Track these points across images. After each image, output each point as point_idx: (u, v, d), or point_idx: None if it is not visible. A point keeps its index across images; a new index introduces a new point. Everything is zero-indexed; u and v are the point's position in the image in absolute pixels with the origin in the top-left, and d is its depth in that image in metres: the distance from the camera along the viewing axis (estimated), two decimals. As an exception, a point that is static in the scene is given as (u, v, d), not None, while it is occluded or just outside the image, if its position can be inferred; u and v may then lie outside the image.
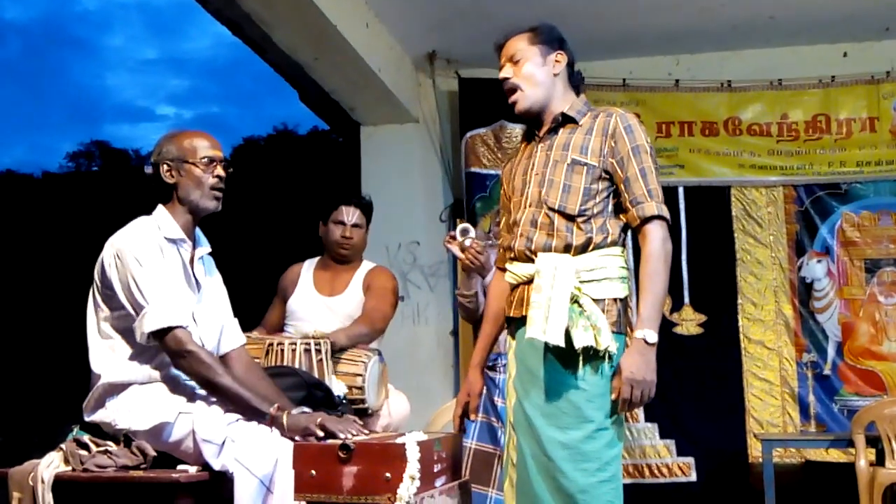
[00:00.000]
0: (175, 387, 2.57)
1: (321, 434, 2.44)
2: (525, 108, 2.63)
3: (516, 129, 5.79)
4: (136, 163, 26.07)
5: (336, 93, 5.63)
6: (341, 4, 4.66)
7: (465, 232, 3.62)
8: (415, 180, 6.06)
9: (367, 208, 3.80)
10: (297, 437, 2.43)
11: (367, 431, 2.57)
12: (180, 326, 2.48)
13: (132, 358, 2.55)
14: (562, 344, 2.35)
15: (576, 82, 2.69)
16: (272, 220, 16.58)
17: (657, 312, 2.40)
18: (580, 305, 2.39)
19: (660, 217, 2.44)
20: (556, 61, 2.64)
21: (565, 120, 2.60)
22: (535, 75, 2.63)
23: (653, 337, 2.36)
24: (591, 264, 2.44)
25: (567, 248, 2.46)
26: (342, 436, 2.43)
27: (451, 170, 6.03)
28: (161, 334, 2.47)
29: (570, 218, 2.47)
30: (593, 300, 2.39)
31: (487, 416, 3.76)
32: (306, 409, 2.61)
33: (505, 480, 2.57)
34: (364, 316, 3.57)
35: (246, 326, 3.04)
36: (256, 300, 3.93)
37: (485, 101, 5.83)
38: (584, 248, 2.46)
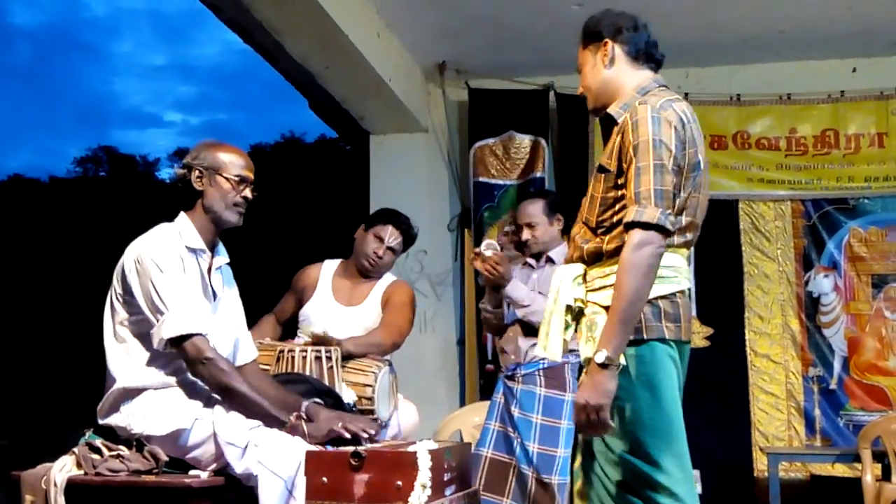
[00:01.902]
0: (191, 392, 2.58)
1: (348, 436, 2.46)
2: (591, 110, 2.54)
3: (525, 140, 5.81)
4: (143, 168, 26.17)
5: (346, 101, 5.66)
6: (353, 14, 4.69)
7: (489, 247, 3.65)
8: (423, 189, 6.07)
9: (409, 238, 3.77)
10: (320, 442, 2.46)
11: (376, 435, 2.60)
12: (199, 334, 2.50)
13: (148, 363, 2.56)
14: (556, 359, 2.33)
15: (644, 53, 2.48)
16: (279, 227, 16.59)
17: (615, 328, 2.17)
18: (584, 316, 2.33)
19: (636, 224, 2.20)
20: (603, 54, 2.49)
21: (610, 121, 2.44)
22: (587, 78, 2.55)
23: (602, 356, 2.15)
24: (603, 271, 2.32)
25: (581, 259, 2.39)
26: (365, 435, 2.47)
27: (460, 179, 6.05)
28: (179, 341, 2.48)
29: (592, 230, 2.38)
30: (604, 307, 2.27)
31: (504, 426, 3.75)
32: (318, 401, 2.63)
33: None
34: (379, 328, 3.57)
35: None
36: (264, 307, 3.93)
37: (494, 112, 5.86)
38: (597, 258, 2.35)
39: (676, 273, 2.34)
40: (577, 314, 2.37)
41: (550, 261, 3.87)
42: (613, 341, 2.17)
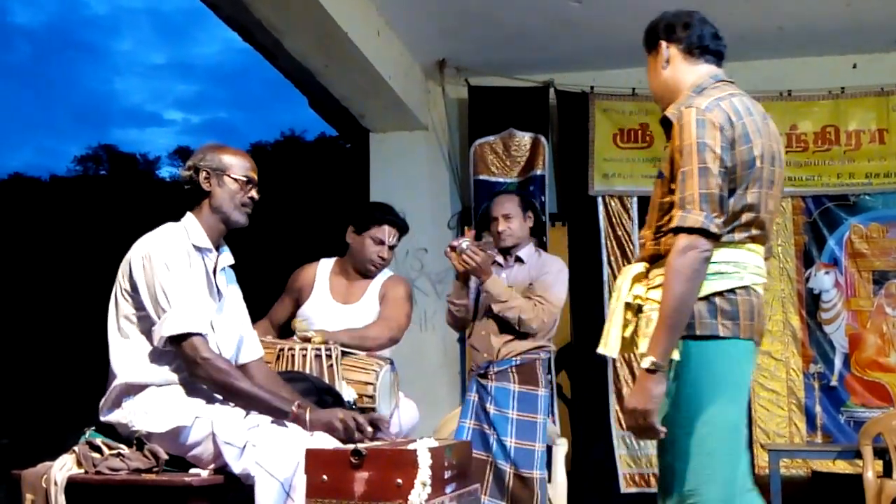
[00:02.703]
0: (192, 390, 2.58)
1: (340, 427, 2.47)
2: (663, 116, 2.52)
3: (525, 137, 5.81)
4: (143, 167, 26.20)
5: (346, 100, 5.66)
6: (353, 12, 4.69)
7: (464, 241, 3.69)
8: (423, 187, 6.07)
9: (405, 231, 3.78)
10: (319, 431, 2.47)
11: (377, 432, 2.60)
12: (198, 334, 2.51)
13: (151, 359, 2.57)
14: (612, 356, 2.34)
15: (699, 48, 2.46)
16: (280, 226, 16.59)
17: (661, 333, 2.19)
18: (643, 313, 2.33)
19: (680, 229, 2.22)
20: (660, 56, 2.49)
21: (668, 124, 2.41)
22: (651, 83, 2.56)
23: (648, 362, 2.18)
24: (662, 271, 2.30)
25: (645, 261, 2.41)
26: (357, 435, 2.47)
27: (460, 177, 6.05)
28: (179, 340, 2.50)
29: (654, 234, 2.38)
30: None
31: (480, 424, 3.80)
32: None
33: None
34: (376, 322, 3.58)
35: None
36: (263, 305, 3.93)
37: (494, 109, 5.86)
38: (656, 260, 2.36)
39: (738, 268, 2.30)
40: (636, 311, 2.36)
41: (519, 260, 3.93)
42: (659, 346, 2.19)
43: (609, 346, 2.36)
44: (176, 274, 2.54)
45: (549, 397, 3.91)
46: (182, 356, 2.52)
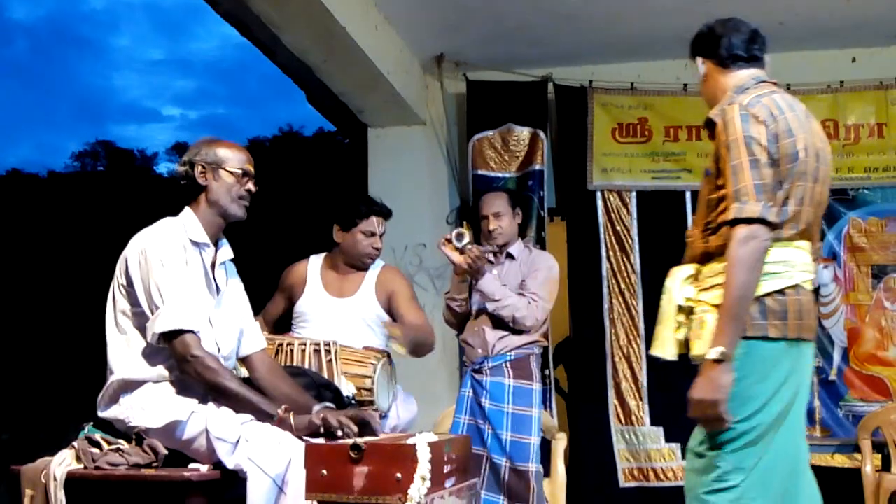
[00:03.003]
0: (188, 386, 2.58)
1: (321, 428, 2.48)
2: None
3: (524, 132, 5.81)
4: (141, 163, 26.17)
5: (344, 95, 5.65)
6: (351, 7, 4.67)
7: (460, 236, 3.71)
8: (422, 182, 6.07)
9: (389, 217, 3.80)
10: (305, 436, 2.47)
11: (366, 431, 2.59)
12: (190, 331, 2.51)
13: (147, 355, 2.57)
14: (668, 358, 2.37)
15: (732, 56, 2.53)
16: (277, 221, 16.59)
17: (726, 324, 2.22)
18: (695, 314, 2.34)
19: (739, 220, 2.25)
20: (700, 73, 2.59)
21: (712, 126, 2.47)
22: (703, 93, 2.62)
23: (716, 352, 2.21)
24: (713, 270, 2.35)
25: (694, 260, 2.43)
26: (339, 433, 2.46)
27: (458, 172, 6.04)
28: (170, 336, 2.50)
29: (702, 232, 2.41)
30: (713, 306, 2.30)
31: (474, 419, 3.84)
32: (331, 405, 2.65)
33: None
34: (419, 329, 3.57)
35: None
36: (264, 299, 3.93)
37: (492, 104, 5.85)
38: (707, 258, 2.39)
39: (787, 268, 2.32)
40: (688, 313, 2.38)
41: (510, 256, 3.96)
42: (726, 337, 2.22)
43: (664, 348, 2.39)
44: (170, 270, 2.54)
45: (542, 391, 3.95)
46: (173, 353, 2.52)
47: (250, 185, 2.74)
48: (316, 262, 3.80)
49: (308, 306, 3.67)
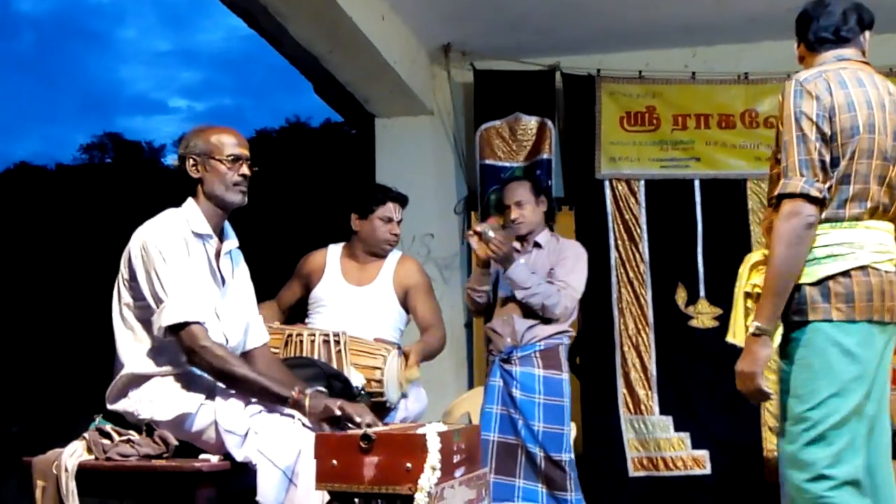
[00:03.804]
0: (197, 378, 2.58)
1: (339, 413, 2.46)
2: None
3: (531, 121, 5.79)
4: (148, 155, 26.20)
5: (350, 85, 5.64)
6: (358, -4, 4.66)
7: (489, 228, 3.72)
8: (429, 172, 6.05)
9: (406, 203, 3.83)
10: (317, 420, 2.47)
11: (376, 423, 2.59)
12: (197, 322, 2.49)
13: (155, 349, 2.56)
14: (737, 343, 2.37)
15: (819, 39, 2.53)
16: (286, 212, 16.59)
17: (766, 299, 2.26)
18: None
19: (782, 196, 2.28)
20: (798, 51, 2.61)
21: None
22: None
23: (754, 326, 2.26)
24: None
25: (766, 245, 2.42)
26: (358, 419, 2.46)
27: (466, 162, 6.03)
28: (177, 329, 2.48)
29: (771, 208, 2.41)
30: None
31: (506, 409, 3.81)
32: (322, 389, 2.64)
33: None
34: (431, 331, 3.67)
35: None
36: (272, 291, 3.94)
37: (500, 93, 5.83)
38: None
39: (853, 249, 2.30)
40: (756, 299, 2.37)
41: (537, 245, 3.94)
42: (765, 311, 2.25)
43: (737, 335, 2.38)
44: (173, 263, 2.51)
45: (569, 381, 3.93)
46: (180, 345, 2.50)
47: (244, 170, 2.68)
48: (335, 250, 3.82)
49: (325, 293, 3.69)
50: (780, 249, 2.24)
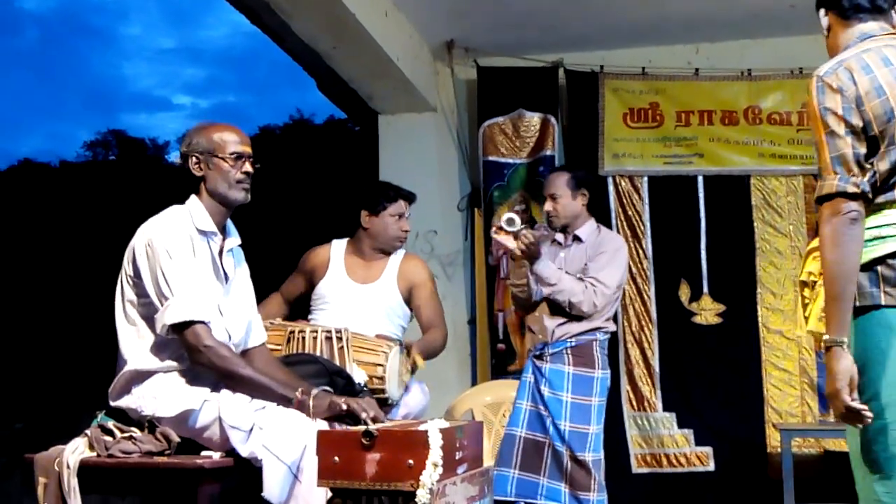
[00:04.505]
0: (200, 375, 2.58)
1: (345, 408, 2.46)
2: None
3: (534, 118, 5.79)
4: (152, 152, 26.23)
5: (354, 82, 5.63)
6: (360, -7, 4.66)
7: (510, 222, 3.67)
8: (432, 169, 6.05)
9: (414, 201, 3.83)
10: (323, 417, 2.47)
11: (383, 417, 2.60)
12: (201, 322, 2.48)
13: (158, 345, 2.56)
14: (801, 334, 2.34)
15: (853, 7, 2.38)
16: (289, 209, 16.60)
17: (827, 308, 2.17)
18: (815, 289, 2.32)
19: (819, 199, 2.19)
20: (823, 27, 2.45)
21: None
22: (827, 49, 2.47)
23: (825, 340, 2.14)
24: None
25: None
26: (363, 415, 2.46)
27: (469, 158, 6.03)
28: (181, 328, 2.48)
29: None
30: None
31: (535, 405, 3.79)
32: (328, 388, 2.64)
33: None
34: (433, 330, 3.65)
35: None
36: (274, 285, 3.93)
37: (503, 90, 5.83)
38: None
39: None
40: (812, 288, 2.35)
41: (577, 239, 3.89)
42: (831, 321, 2.14)
43: (800, 326, 2.39)
44: (178, 261, 2.51)
45: (606, 379, 3.84)
46: (184, 344, 2.49)
47: (247, 167, 2.67)
48: (339, 246, 3.80)
49: (329, 289, 3.68)
50: (829, 252, 2.15)
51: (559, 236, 3.93)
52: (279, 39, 5.07)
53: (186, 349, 2.51)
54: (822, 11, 2.45)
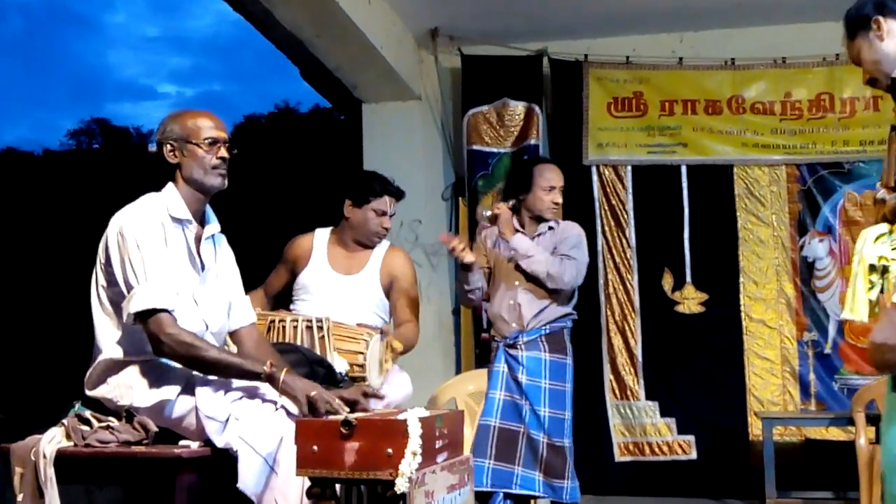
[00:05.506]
0: (176, 365, 2.56)
1: (305, 403, 2.42)
2: (884, 90, 2.45)
3: (519, 107, 5.78)
4: (136, 141, 26.07)
5: (338, 70, 5.61)
6: (343, -20, 4.63)
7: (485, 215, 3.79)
8: (417, 158, 6.04)
9: (402, 198, 3.78)
10: (289, 400, 2.46)
11: (366, 403, 2.58)
12: (165, 310, 2.44)
13: (133, 335, 2.53)
14: (859, 319, 2.35)
15: None
16: (273, 198, 16.55)
17: None
18: (889, 272, 2.30)
19: None
20: (875, 32, 2.39)
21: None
22: (867, 63, 2.43)
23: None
24: None
25: (885, 219, 2.38)
26: (337, 408, 2.43)
27: (453, 147, 6.01)
28: (145, 316, 2.43)
29: (892, 189, 2.36)
30: None
31: (511, 395, 3.80)
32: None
33: None
34: (408, 326, 3.63)
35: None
36: (258, 276, 3.91)
37: (487, 78, 5.82)
38: None
39: None
40: (882, 272, 2.34)
41: (551, 228, 3.94)
42: None
43: (856, 310, 2.35)
44: (147, 249, 2.47)
45: (573, 365, 3.91)
46: (147, 334, 2.44)
47: (223, 153, 2.63)
48: (322, 235, 3.76)
49: (311, 280, 3.64)
50: None
51: (517, 224, 3.94)
52: (263, 28, 5.04)
53: (149, 338, 2.45)
54: (880, 19, 2.38)
